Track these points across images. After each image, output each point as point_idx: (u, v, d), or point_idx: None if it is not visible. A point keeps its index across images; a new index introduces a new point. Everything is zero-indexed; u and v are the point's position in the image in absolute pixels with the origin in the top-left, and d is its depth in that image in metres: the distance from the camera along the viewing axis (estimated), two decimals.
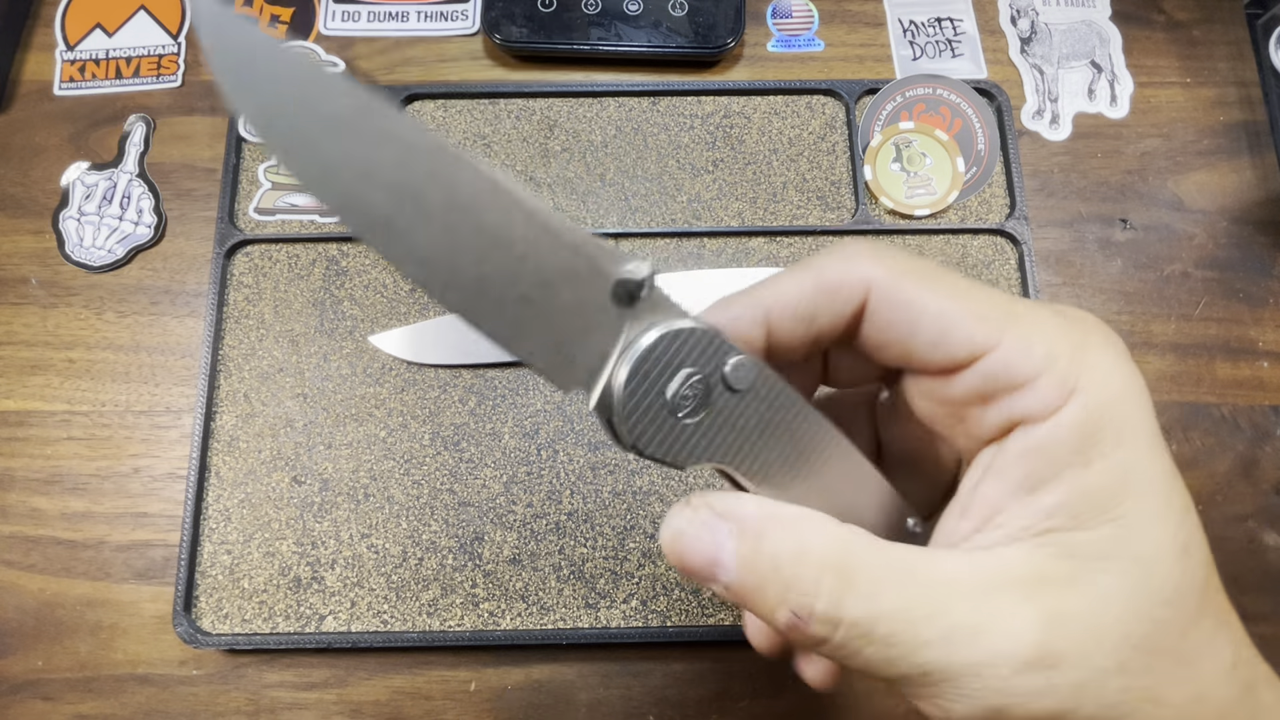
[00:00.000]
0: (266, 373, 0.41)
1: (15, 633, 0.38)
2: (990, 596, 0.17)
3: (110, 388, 0.41)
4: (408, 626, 0.37)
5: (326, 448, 0.39)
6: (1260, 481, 0.40)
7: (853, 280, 0.19)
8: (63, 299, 0.43)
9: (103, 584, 0.39)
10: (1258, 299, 0.43)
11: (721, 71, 0.46)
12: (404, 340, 0.40)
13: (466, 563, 0.38)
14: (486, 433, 0.40)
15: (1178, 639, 0.17)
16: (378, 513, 0.39)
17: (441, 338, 0.40)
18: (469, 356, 0.40)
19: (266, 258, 0.42)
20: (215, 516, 0.39)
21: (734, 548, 0.18)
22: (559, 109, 0.45)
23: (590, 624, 0.37)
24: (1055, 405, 0.17)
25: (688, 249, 0.42)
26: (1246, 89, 0.46)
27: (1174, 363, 0.42)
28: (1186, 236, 0.44)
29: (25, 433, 0.41)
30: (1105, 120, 0.46)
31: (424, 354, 0.40)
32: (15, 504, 0.40)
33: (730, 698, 0.37)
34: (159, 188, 0.44)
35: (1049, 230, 0.44)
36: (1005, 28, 0.47)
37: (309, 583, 0.38)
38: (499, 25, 0.45)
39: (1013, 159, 0.43)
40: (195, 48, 0.47)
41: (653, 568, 0.38)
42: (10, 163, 0.45)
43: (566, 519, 0.39)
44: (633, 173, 0.44)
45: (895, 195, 0.43)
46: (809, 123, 0.45)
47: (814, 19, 0.48)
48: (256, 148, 0.44)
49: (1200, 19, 0.47)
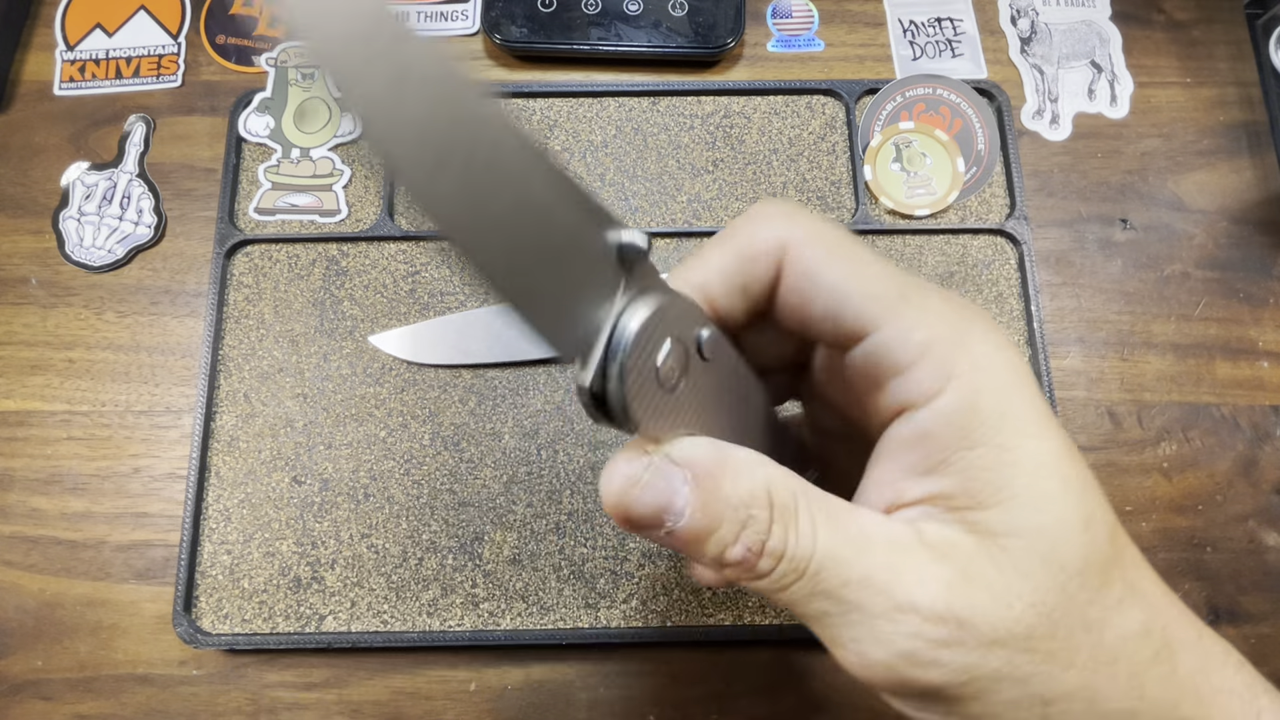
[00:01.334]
0: (266, 373, 0.41)
1: (15, 633, 0.38)
2: (905, 552, 0.17)
3: (110, 388, 0.41)
4: (408, 626, 0.37)
5: (326, 448, 0.40)
6: (1260, 481, 0.40)
7: (769, 245, 0.19)
8: (63, 299, 0.43)
9: (103, 584, 0.39)
10: (1258, 299, 0.43)
11: (721, 71, 0.46)
12: (404, 340, 0.40)
13: (466, 563, 0.38)
14: (486, 433, 0.40)
15: (1084, 606, 0.17)
16: (378, 513, 0.39)
17: (441, 338, 0.40)
18: (468, 356, 0.40)
19: (266, 258, 0.42)
20: (215, 516, 0.39)
21: (689, 493, 0.18)
22: (559, 109, 0.45)
23: (590, 624, 0.37)
24: (933, 391, 0.17)
25: (688, 249, 0.42)
26: (1246, 89, 0.46)
27: (1174, 363, 0.42)
28: (1186, 236, 0.44)
29: (25, 433, 0.41)
30: (1105, 120, 0.46)
31: (423, 354, 0.40)
32: (15, 504, 0.40)
33: (730, 698, 0.37)
34: (159, 188, 0.44)
35: (1049, 230, 0.44)
36: (1005, 28, 0.47)
37: (309, 583, 0.38)
38: (499, 25, 0.45)
39: (1013, 159, 0.43)
40: (195, 47, 0.47)
41: (653, 568, 0.38)
42: (10, 163, 0.45)
43: (566, 519, 0.39)
44: (633, 173, 0.44)
45: (895, 195, 0.43)
46: (809, 123, 0.45)
47: (814, 19, 0.48)
48: (256, 148, 0.44)
49: (1200, 19, 0.47)
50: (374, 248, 0.42)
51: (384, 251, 0.42)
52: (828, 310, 0.19)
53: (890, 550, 0.18)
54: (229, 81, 0.46)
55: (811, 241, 0.19)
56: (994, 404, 0.17)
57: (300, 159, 0.44)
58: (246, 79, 0.46)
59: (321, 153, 0.44)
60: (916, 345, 0.18)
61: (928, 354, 0.17)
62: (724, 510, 0.18)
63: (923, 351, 0.18)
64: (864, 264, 0.19)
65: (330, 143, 0.44)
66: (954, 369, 0.17)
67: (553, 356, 0.35)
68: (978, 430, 0.17)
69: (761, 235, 0.19)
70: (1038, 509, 0.17)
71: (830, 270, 0.19)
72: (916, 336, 0.18)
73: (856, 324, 0.18)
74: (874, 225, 0.42)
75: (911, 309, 0.18)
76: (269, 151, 0.44)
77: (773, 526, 0.18)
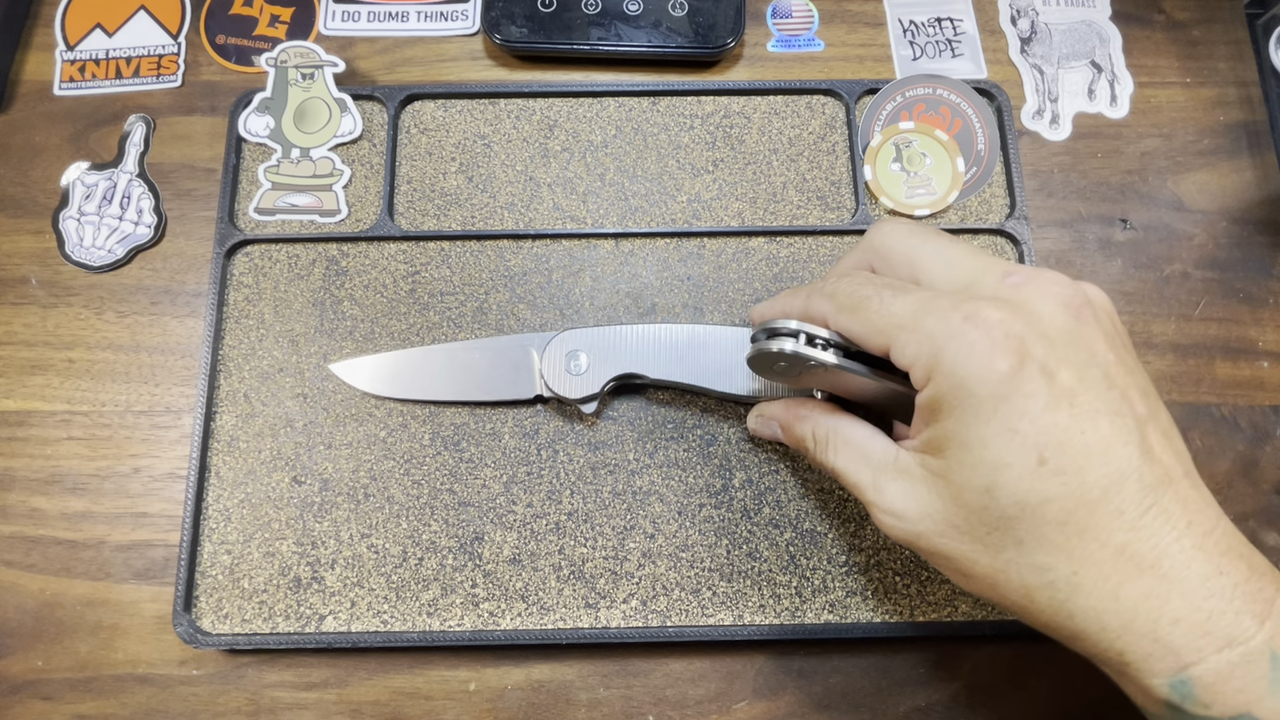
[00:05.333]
0: (266, 373, 0.41)
1: (15, 633, 0.38)
2: (884, 470, 0.29)
3: (110, 388, 0.41)
4: (408, 626, 0.37)
5: (326, 448, 0.40)
6: (1260, 481, 0.40)
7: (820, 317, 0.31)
8: (63, 299, 0.43)
9: (103, 584, 0.39)
10: (1258, 299, 0.43)
11: (721, 71, 0.46)
12: (362, 370, 0.40)
13: (466, 563, 0.38)
14: (486, 433, 0.40)
15: (984, 529, 0.26)
16: (378, 513, 0.39)
17: (400, 371, 0.40)
18: (425, 393, 0.40)
19: (266, 258, 0.42)
20: (215, 516, 0.39)
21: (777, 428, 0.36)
22: (559, 109, 0.45)
23: (590, 624, 0.37)
24: (919, 385, 0.27)
25: (688, 249, 0.42)
26: (1246, 89, 0.46)
27: (1174, 363, 0.42)
28: (1186, 236, 0.44)
29: (25, 433, 0.41)
30: (1105, 120, 0.46)
31: (380, 386, 0.40)
32: (15, 504, 0.40)
33: (730, 698, 0.38)
34: (159, 188, 0.44)
35: (1049, 230, 0.44)
36: (1005, 28, 0.47)
37: (309, 583, 0.38)
38: (499, 25, 0.45)
39: (1013, 159, 0.43)
40: (195, 47, 0.47)
41: (653, 568, 0.38)
42: (10, 163, 0.45)
43: (566, 519, 0.39)
44: (633, 173, 0.44)
45: (895, 195, 0.43)
46: (809, 123, 0.45)
47: (814, 19, 0.48)
48: (256, 148, 0.44)
49: (1200, 19, 0.47)
50: (374, 248, 0.42)
51: (384, 251, 0.42)
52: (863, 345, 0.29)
53: (876, 467, 0.30)
54: (229, 81, 0.46)
55: (839, 313, 0.29)
56: (949, 399, 0.26)
57: (300, 159, 0.44)
58: (246, 79, 0.46)
59: (321, 153, 0.44)
60: (909, 359, 0.27)
61: (914, 365, 0.27)
62: (792, 438, 0.35)
63: (911, 363, 0.27)
64: (873, 313, 0.28)
65: (330, 143, 0.44)
66: (930, 375, 0.26)
67: (511, 399, 0.39)
68: (937, 412, 0.27)
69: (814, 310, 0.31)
70: (958, 463, 0.26)
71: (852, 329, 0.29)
72: (909, 353, 0.27)
73: (879, 351, 0.29)
74: None
75: (904, 334, 0.27)
76: (269, 151, 0.44)
77: (814, 449, 0.33)
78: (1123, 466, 0.25)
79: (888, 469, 0.29)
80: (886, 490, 0.29)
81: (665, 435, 0.40)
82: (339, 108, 0.44)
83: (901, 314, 0.27)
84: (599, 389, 0.38)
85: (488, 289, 0.42)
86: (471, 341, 0.41)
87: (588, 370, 0.38)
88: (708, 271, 0.42)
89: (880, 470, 0.29)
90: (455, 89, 0.45)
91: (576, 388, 0.38)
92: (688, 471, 0.39)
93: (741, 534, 0.38)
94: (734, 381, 0.37)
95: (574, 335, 0.39)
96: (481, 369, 0.40)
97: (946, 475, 0.27)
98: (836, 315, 0.29)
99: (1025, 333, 0.25)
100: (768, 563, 0.38)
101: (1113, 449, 0.25)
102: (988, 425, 0.25)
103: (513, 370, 0.39)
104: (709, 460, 0.39)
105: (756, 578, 0.38)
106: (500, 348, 0.40)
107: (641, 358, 0.38)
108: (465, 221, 0.43)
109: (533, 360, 0.39)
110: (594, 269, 0.42)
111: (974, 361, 0.25)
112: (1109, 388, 0.26)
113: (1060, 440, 0.25)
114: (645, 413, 0.40)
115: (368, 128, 0.44)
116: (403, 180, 0.44)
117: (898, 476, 0.29)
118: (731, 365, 0.37)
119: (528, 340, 0.40)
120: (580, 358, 0.38)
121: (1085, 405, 0.25)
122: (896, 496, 0.28)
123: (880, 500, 0.29)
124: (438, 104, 0.45)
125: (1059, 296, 0.27)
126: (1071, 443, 0.25)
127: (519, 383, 0.39)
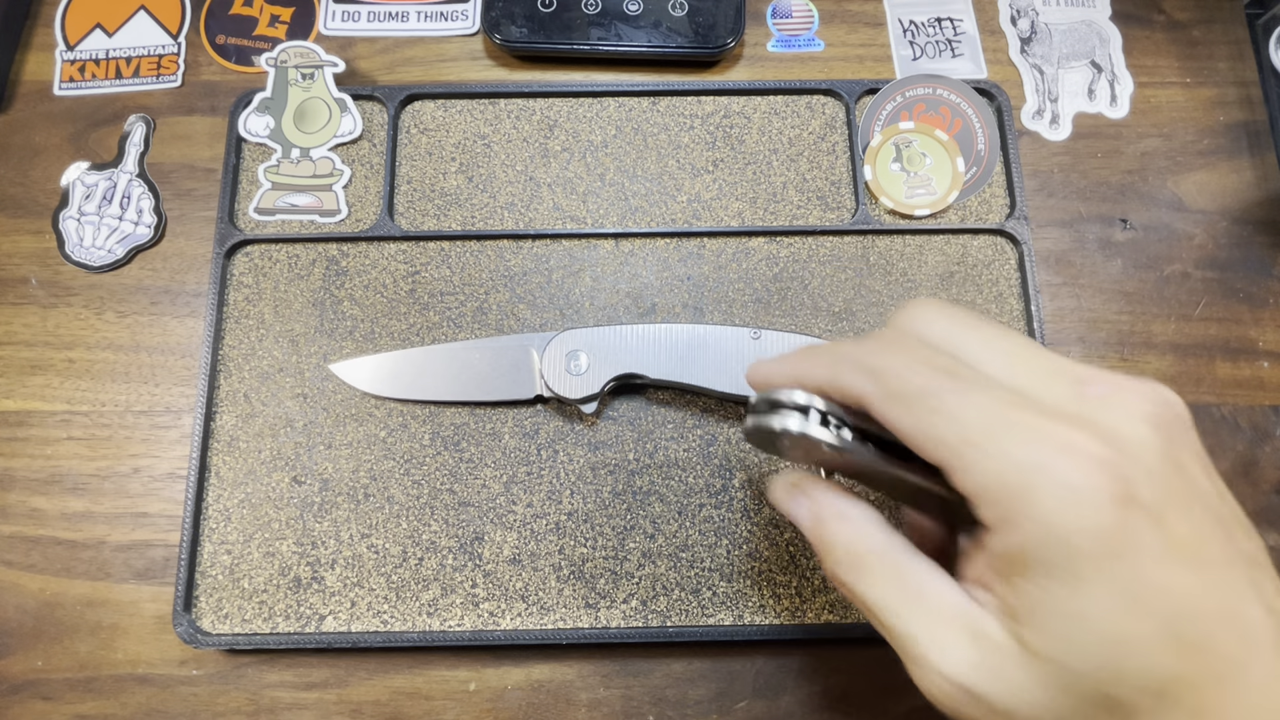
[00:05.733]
0: (266, 373, 0.41)
1: (15, 633, 0.38)
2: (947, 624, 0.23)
3: (110, 388, 0.41)
4: (408, 626, 0.37)
5: (326, 448, 0.40)
6: (1260, 481, 0.40)
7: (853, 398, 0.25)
8: (63, 299, 0.43)
9: (103, 584, 0.39)
10: (1258, 299, 0.43)
11: (721, 71, 0.46)
12: (362, 370, 0.40)
13: (466, 563, 0.38)
14: (486, 433, 0.40)
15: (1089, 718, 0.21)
16: (378, 513, 0.39)
17: (401, 371, 0.40)
18: (425, 393, 0.40)
19: (266, 258, 0.42)
20: (215, 516, 0.39)
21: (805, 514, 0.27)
22: (559, 109, 0.45)
23: (590, 624, 0.37)
24: (992, 526, 0.22)
25: (688, 249, 0.42)
26: (1246, 89, 0.46)
27: (1174, 363, 0.42)
28: (1186, 236, 0.44)
29: (25, 433, 0.41)
30: (1105, 120, 0.46)
31: (381, 386, 0.40)
32: (15, 504, 0.40)
33: (730, 698, 0.38)
34: (159, 188, 0.44)
35: (1049, 230, 0.44)
36: (1005, 28, 0.47)
37: (309, 583, 0.38)
38: (499, 25, 0.45)
39: (1013, 159, 0.43)
40: (195, 47, 0.47)
41: (653, 568, 0.38)
42: (10, 163, 0.45)
43: (566, 519, 0.39)
44: (633, 173, 0.44)
45: (895, 195, 0.43)
46: (809, 123, 0.45)
47: (814, 19, 0.48)
48: (256, 148, 0.44)
49: (1200, 19, 0.47)
50: (374, 248, 0.42)
51: (384, 251, 0.42)
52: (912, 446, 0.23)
53: (934, 616, 0.23)
54: (229, 81, 0.46)
55: (885, 401, 0.23)
56: (1043, 553, 0.20)
57: (300, 159, 0.44)
58: (246, 79, 0.46)
59: (321, 153, 0.44)
60: (974, 488, 0.21)
61: (982, 496, 0.21)
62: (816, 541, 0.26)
63: (980, 494, 0.21)
64: (932, 412, 0.22)
65: (330, 143, 0.44)
66: (1008, 514, 0.21)
67: (511, 399, 0.39)
68: (1027, 569, 0.21)
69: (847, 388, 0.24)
70: (1064, 645, 0.21)
71: (901, 425, 0.23)
72: (973, 480, 0.21)
73: (935, 462, 0.23)
74: (874, 225, 0.42)
75: (973, 454, 0.21)
76: (269, 151, 0.44)
77: (835, 568, 0.25)
78: (1253, 631, 0.21)
79: (954, 626, 0.23)
80: (952, 654, 0.22)
81: (665, 435, 0.40)
82: (339, 108, 0.44)
83: (972, 425, 0.22)
84: (599, 389, 0.38)
85: (488, 289, 0.42)
86: (471, 341, 0.41)
87: (588, 370, 0.38)
88: (708, 271, 0.42)
89: (944, 625, 0.23)
90: (455, 89, 0.45)
91: (576, 388, 0.38)
92: (688, 471, 0.39)
93: (741, 534, 0.38)
94: (734, 381, 0.37)
95: (574, 335, 0.39)
96: (481, 369, 0.40)
97: (1048, 654, 0.21)
98: (883, 404, 0.23)
99: (1125, 467, 0.21)
100: (768, 563, 0.38)
101: (1239, 610, 0.21)
102: (1100, 591, 0.20)
103: (513, 370, 0.39)
104: (709, 460, 0.39)
105: (756, 578, 0.38)
106: (500, 348, 0.40)
107: (641, 358, 0.38)
108: (465, 221, 0.43)
109: (533, 360, 0.39)
110: (594, 269, 0.42)
111: (1075, 508, 0.20)
112: (1218, 529, 0.22)
113: (1185, 608, 0.20)
114: (645, 413, 0.40)
115: (368, 128, 0.44)
116: (403, 180, 0.44)
117: (972, 642, 0.22)
118: (731, 365, 0.38)
119: (528, 340, 0.40)
120: (580, 358, 0.38)
121: (1204, 558, 0.21)
122: (967, 668, 0.22)
123: (943, 665, 0.22)
124: (438, 104, 0.45)
125: (1150, 415, 0.22)
126: (1198, 609, 0.20)
127: (519, 383, 0.39)
